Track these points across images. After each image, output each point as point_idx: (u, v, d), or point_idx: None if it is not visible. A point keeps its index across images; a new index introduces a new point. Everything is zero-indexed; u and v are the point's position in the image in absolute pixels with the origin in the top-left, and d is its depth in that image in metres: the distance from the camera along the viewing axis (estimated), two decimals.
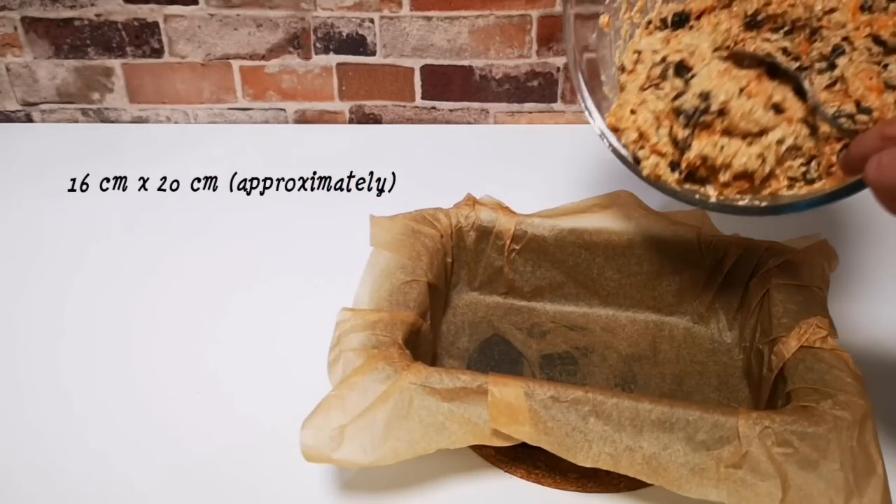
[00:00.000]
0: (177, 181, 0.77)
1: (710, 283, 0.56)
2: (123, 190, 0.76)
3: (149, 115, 0.89)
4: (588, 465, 0.42)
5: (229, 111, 0.89)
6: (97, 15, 0.82)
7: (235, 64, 0.85)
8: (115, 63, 0.85)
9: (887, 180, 0.35)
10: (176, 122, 0.89)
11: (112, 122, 0.89)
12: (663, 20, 0.52)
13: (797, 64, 0.48)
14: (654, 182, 0.49)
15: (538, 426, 0.42)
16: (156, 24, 0.83)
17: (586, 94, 0.54)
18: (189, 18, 0.82)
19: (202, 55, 0.85)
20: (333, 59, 0.85)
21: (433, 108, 0.88)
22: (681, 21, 0.52)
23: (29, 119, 0.89)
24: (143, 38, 0.83)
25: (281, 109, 0.88)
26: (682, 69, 0.49)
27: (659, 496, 0.45)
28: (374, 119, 0.89)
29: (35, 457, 0.49)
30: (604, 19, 0.56)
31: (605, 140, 0.52)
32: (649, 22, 0.53)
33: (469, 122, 0.89)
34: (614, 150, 0.52)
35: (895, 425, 0.50)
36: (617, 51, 0.56)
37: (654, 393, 0.52)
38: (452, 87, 0.87)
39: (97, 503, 0.46)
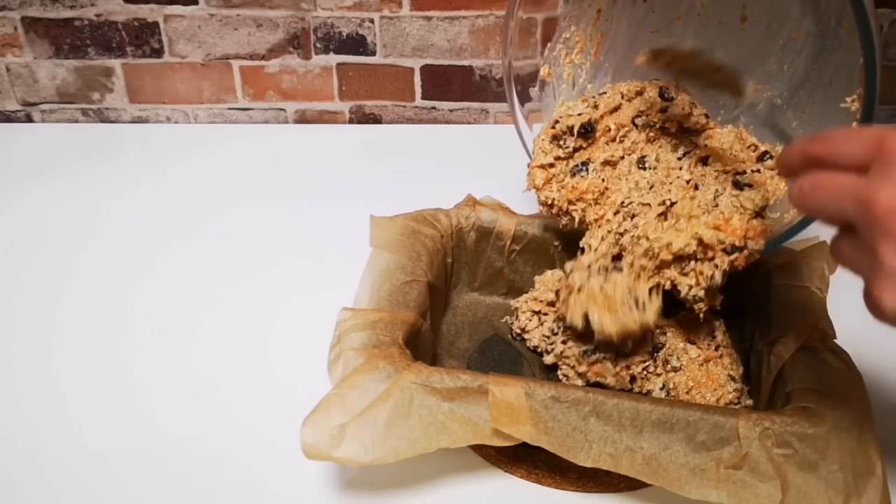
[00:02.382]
0: (177, 181, 0.77)
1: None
2: (123, 190, 0.76)
3: (149, 115, 0.89)
4: (588, 465, 0.42)
5: (229, 111, 0.89)
6: (97, 15, 0.82)
7: (235, 64, 0.85)
8: (115, 63, 0.85)
9: (807, 207, 0.36)
10: (176, 122, 0.89)
11: (112, 122, 0.89)
12: (570, 128, 0.53)
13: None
14: None
15: (539, 426, 0.42)
16: (156, 24, 0.83)
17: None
18: (189, 18, 0.82)
19: (202, 55, 0.85)
20: (333, 59, 0.85)
21: (433, 108, 0.88)
22: (586, 133, 0.53)
23: (29, 119, 0.89)
24: (143, 38, 0.83)
25: (281, 109, 0.89)
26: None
27: (659, 496, 0.45)
28: (374, 119, 0.89)
29: (29, 458, 0.49)
30: (544, 70, 0.56)
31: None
32: (556, 122, 0.54)
33: (469, 122, 0.89)
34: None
35: (894, 426, 0.50)
36: (560, 98, 0.57)
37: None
38: (452, 87, 0.87)
39: None
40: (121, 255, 0.67)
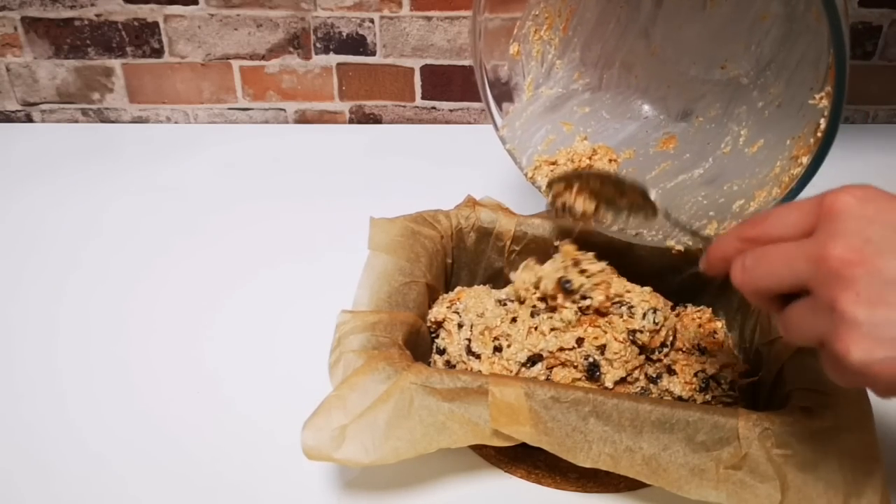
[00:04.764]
0: (177, 181, 0.78)
1: (710, 283, 0.56)
2: (123, 190, 0.76)
3: (149, 115, 0.89)
4: (588, 465, 0.42)
5: (229, 111, 0.89)
6: (97, 15, 0.82)
7: (235, 64, 0.85)
8: (115, 63, 0.85)
9: (754, 283, 0.35)
10: (176, 122, 0.89)
11: (112, 122, 0.89)
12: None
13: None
14: None
15: (538, 426, 0.42)
16: (156, 24, 0.83)
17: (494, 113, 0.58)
18: (189, 18, 0.82)
19: (202, 55, 0.85)
20: (333, 59, 0.85)
21: (433, 108, 0.88)
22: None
23: (29, 119, 0.89)
24: (143, 38, 0.83)
25: (281, 109, 0.89)
26: None
27: (659, 496, 0.45)
28: (374, 119, 0.89)
29: (31, 457, 0.49)
30: (514, 48, 0.56)
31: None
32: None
33: (469, 122, 0.89)
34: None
35: (894, 426, 0.50)
36: (529, 76, 0.57)
37: None
38: (452, 87, 0.87)
39: None
40: (121, 255, 0.67)
